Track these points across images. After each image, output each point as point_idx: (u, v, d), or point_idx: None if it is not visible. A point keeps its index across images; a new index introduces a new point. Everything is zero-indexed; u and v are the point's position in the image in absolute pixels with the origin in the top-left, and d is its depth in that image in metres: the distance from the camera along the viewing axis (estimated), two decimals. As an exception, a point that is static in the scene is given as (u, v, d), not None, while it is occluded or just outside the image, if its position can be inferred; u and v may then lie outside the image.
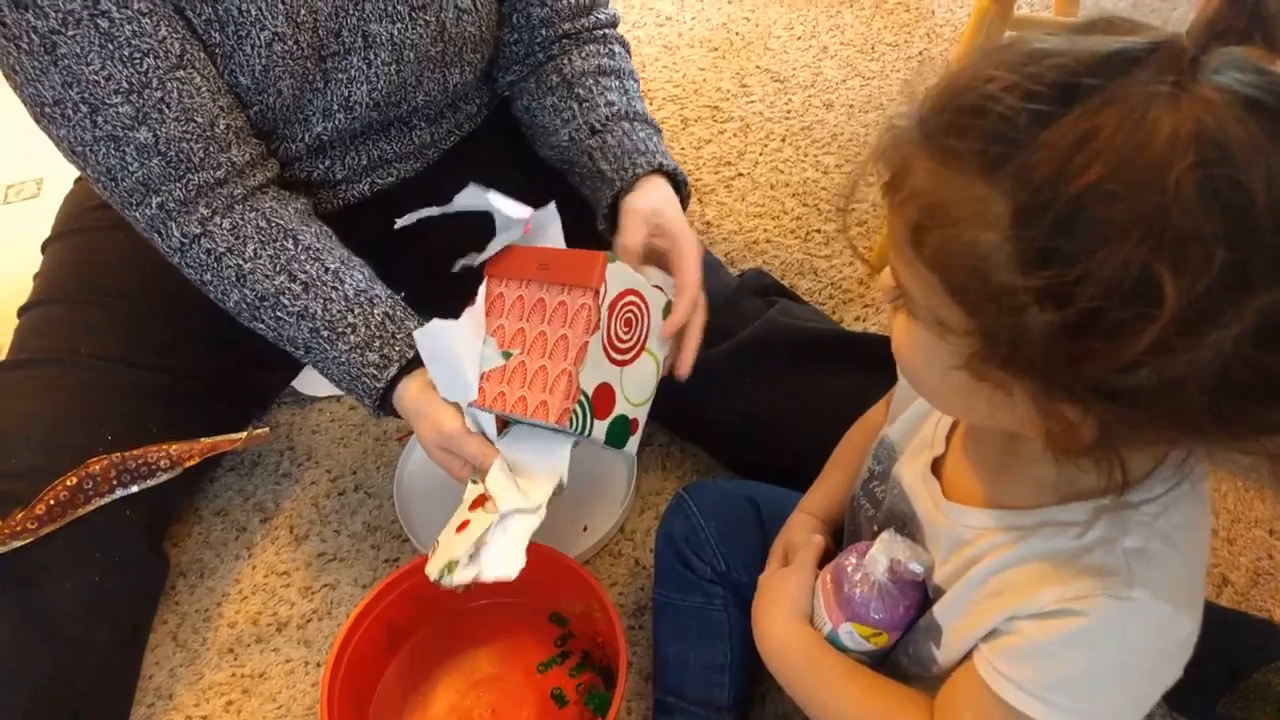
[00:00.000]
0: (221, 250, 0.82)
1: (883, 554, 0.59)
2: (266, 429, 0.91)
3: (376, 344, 0.82)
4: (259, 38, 0.79)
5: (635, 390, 0.79)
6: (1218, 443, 0.43)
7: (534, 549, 0.89)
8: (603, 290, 0.73)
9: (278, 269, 0.82)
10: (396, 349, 0.82)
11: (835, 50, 1.51)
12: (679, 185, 0.88)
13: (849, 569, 0.63)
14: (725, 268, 1.05)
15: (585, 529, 0.97)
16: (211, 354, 0.95)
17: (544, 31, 0.93)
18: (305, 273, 0.83)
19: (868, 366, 0.85)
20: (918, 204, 0.43)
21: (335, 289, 0.83)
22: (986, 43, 1.04)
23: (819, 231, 1.25)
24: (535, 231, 0.82)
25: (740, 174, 1.34)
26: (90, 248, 0.97)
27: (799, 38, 1.54)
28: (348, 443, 1.08)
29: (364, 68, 0.85)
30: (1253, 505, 0.95)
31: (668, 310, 0.79)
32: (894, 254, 0.47)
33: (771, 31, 1.56)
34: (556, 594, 0.89)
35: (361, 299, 0.83)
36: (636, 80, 0.96)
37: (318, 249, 0.84)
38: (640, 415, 0.78)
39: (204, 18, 0.78)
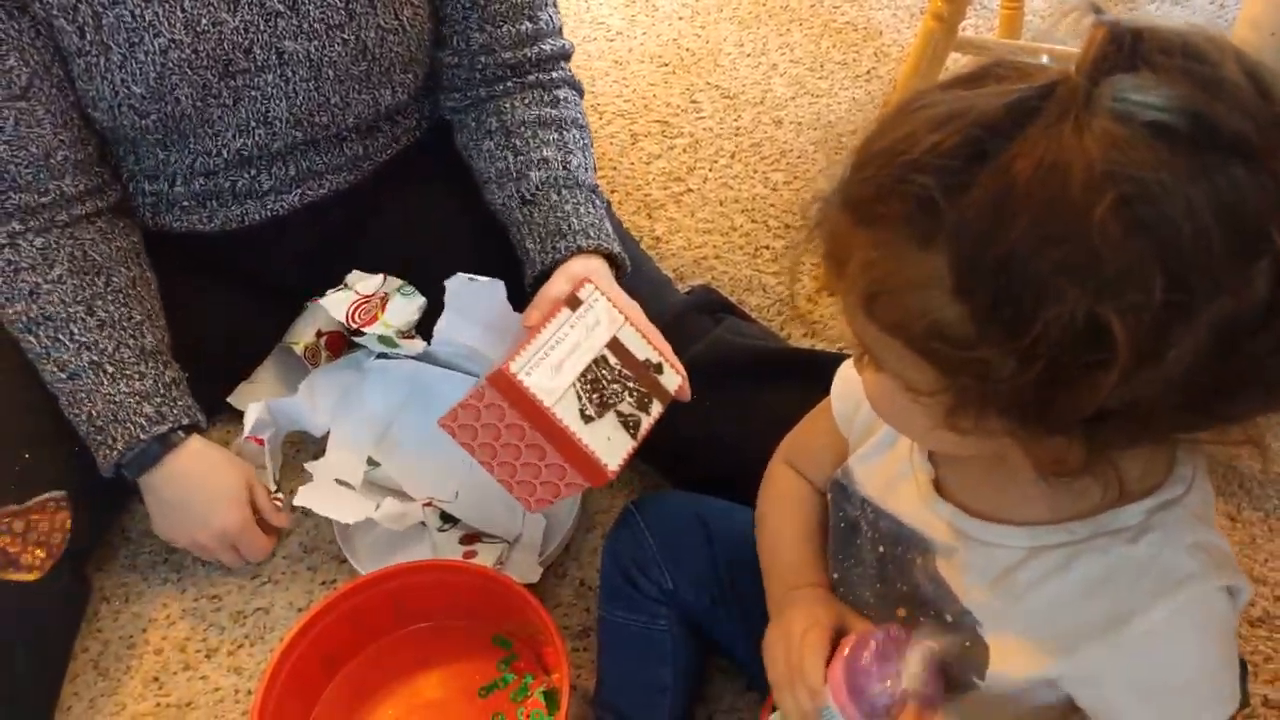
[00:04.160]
0: (24, 265, 0.83)
1: (919, 663, 0.55)
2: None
3: (157, 400, 0.85)
4: (153, 44, 0.78)
5: None
6: (1194, 438, 0.45)
7: (475, 569, 0.87)
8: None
9: (79, 299, 0.83)
10: (175, 412, 0.86)
11: (785, 68, 1.52)
12: (611, 258, 0.87)
13: (885, 692, 0.55)
14: (673, 285, 1.04)
15: (529, 548, 0.95)
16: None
17: (484, 59, 0.92)
18: (107, 312, 0.84)
19: (816, 383, 0.85)
20: (862, 276, 0.44)
21: (134, 338, 0.85)
22: (929, 68, 1.05)
23: (768, 248, 1.25)
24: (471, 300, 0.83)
25: (690, 190, 1.34)
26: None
27: (749, 55, 1.55)
28: (284, 461, 1.05)
29: (281, 84, 0.84)
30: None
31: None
32: (850, 319, 0.47)
33: (721, 48, 1.56)
34: (499, 616, 0.86)
35: (157, 358, 0.86)
36: (582, 128, 0.94)
37: (128, 295, 0.86)
38: None
39: (78, 24, 0.77)
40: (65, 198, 0.84)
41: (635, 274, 0.93)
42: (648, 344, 0.78)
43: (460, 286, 0.83)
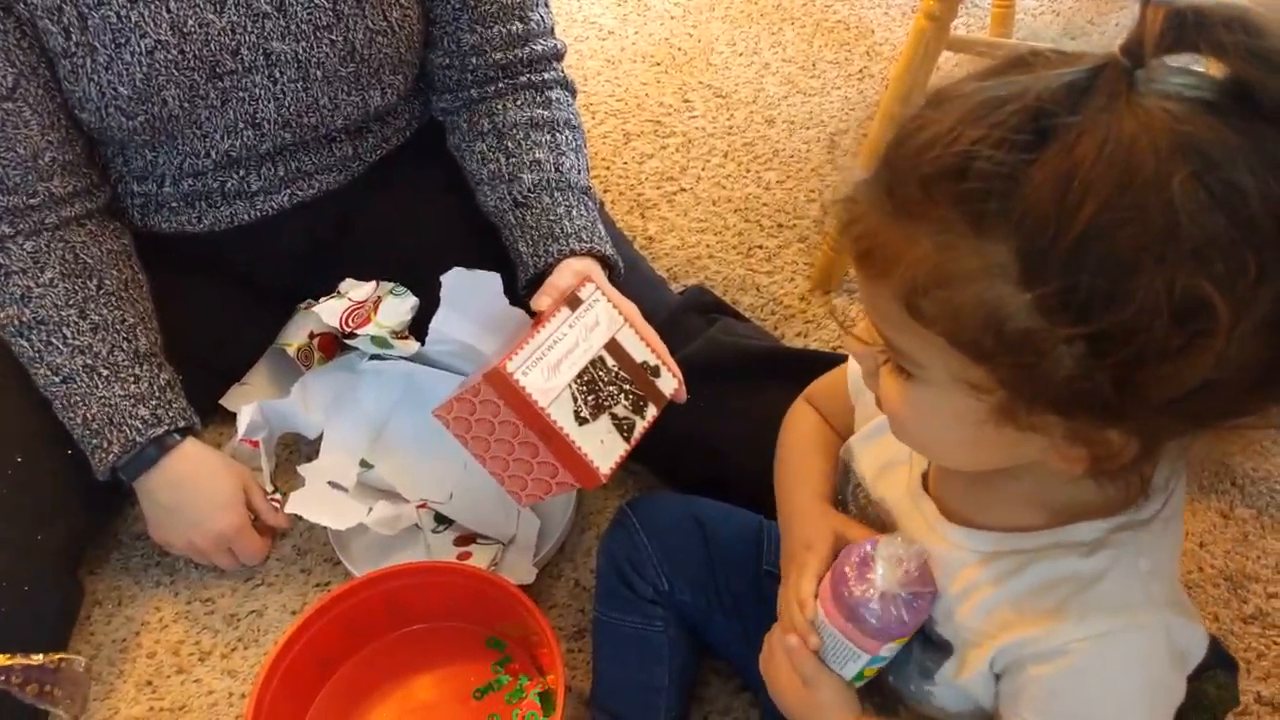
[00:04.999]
0: (14, 269, 0.83)
1: (889, 567, 0.54)
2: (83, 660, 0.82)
3: (152, 403, 0.84)
4: (139, 45, 0.78)
5: None
6: (1243, 426, 0.44)
7: (469, 571, 0.87)
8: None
9: (71, 303, 0.83)
10: (170, 414, 0.85)
11: (777, 67, 1.52)
12: (604, 260, 0.87)
13: (863, 598, 0.55)
14: (666, 285, 1.04)
15: (524, 550, 0.95)
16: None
17: (474, 59, 0.91)
18: (100, 315, 0.84)
19: (810, 382, 0.85)
20: (908, 273, 0.42)
21: (128, 341, 0.85)
22: (921, 67, 1.05)
23: (761, 247, 1.25)
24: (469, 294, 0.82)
25: (682, 189, 1.34)
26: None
27: (741, 54, 1.55)
28: (278, 462, 1.04)
29: (269, 85, 0.83)
30: (1184, 519, 0.97)
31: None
32: (881, 322, 0.46)
33: (714, 47, 1.56)
34: (494, 617, 0.86)
35: (152, 360, 0.86)
36: (574, 128, 0.94)
37: (121, 297, 0.85)
38: None
39: (63, 26, 0.76)
40: (54, 199, 0.83)
41: (629, 274, 0.93)
42: (645, 346, 0.78)
43: (456, 280, 0.83)
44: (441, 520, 0.95)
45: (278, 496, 0.95)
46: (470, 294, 0.84)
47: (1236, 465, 0.98)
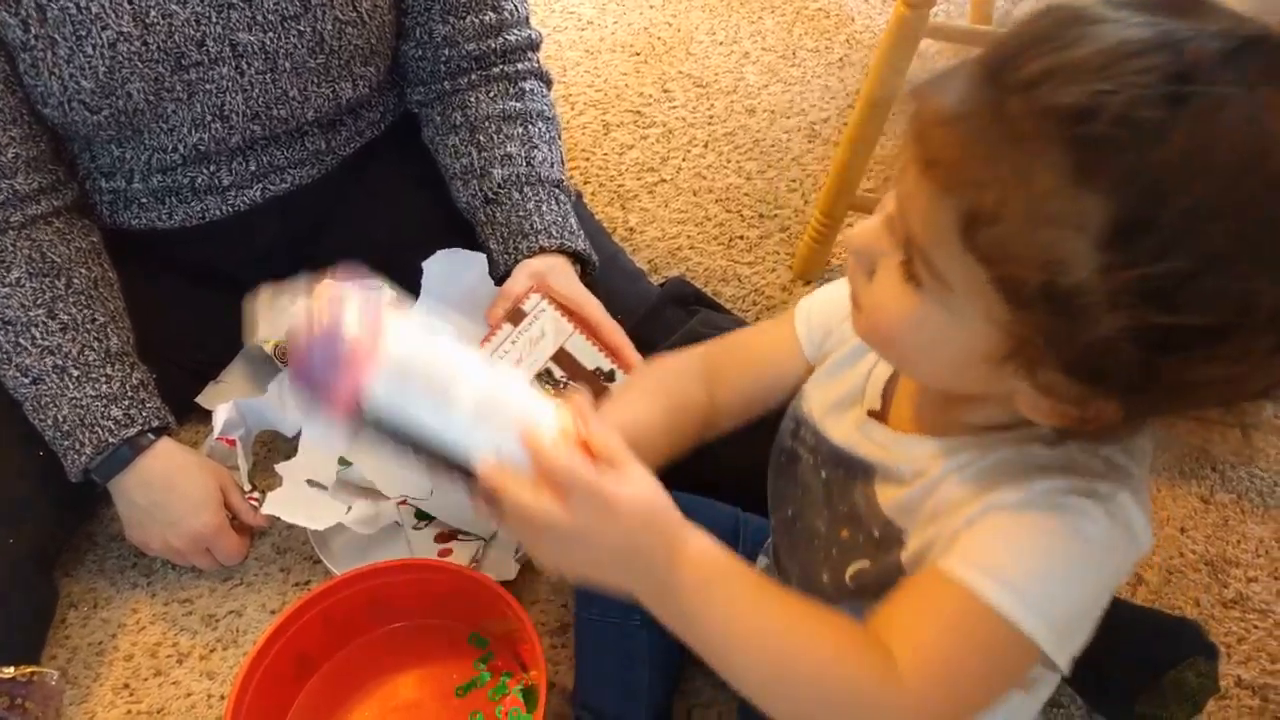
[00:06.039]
0: None
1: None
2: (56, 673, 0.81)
3: (124, 403, 0.83)
4: (101, 37, 0.76)
5: None
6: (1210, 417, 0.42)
7: (451, 568, 0.86)
8: None
9: (39, 303, 0.82)
10: (144, 414, 0.84)
11: (757, 56, 1.51)
12: (575, 255, 0.86)
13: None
14: (646, 278, 1.03)
15: (506, 545, 0.94)
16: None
17: (447, 51, 0.90)
18: (69, 315, 0.83)
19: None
20: (980, 198, 0.39)
21: (98, 340, 0.83)
22: (901, 55, 1.04)
23: (742, 238, 1.25)
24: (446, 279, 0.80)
25: (663, 180, 1.33)
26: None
27: (721, 43, 1.54)
28: (256, 460, 1.03)
29: (236, 77, 0.82)
30: (1164, 504, 0.97)
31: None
32: (924, 228, 0.42)
33: (693, 36, 1.55)
34: (475, 614, 0.86)
35: (124, 360, 0.84)
36: (548, 120, 0.93)
37: (90, 296, 0.84)
38: None
39: (21, 18, 0.75)
40: (18, 197, 0.82)
41: (609, 267, 0.92)
42: (599, 351, 0.77)
43: (439, 265, 0.82)
44: (422, 517, 0.94)
45: (256, 495, 0.94)
46: (452, 279, 0.83)
47: (1216, 451, 0.98)
